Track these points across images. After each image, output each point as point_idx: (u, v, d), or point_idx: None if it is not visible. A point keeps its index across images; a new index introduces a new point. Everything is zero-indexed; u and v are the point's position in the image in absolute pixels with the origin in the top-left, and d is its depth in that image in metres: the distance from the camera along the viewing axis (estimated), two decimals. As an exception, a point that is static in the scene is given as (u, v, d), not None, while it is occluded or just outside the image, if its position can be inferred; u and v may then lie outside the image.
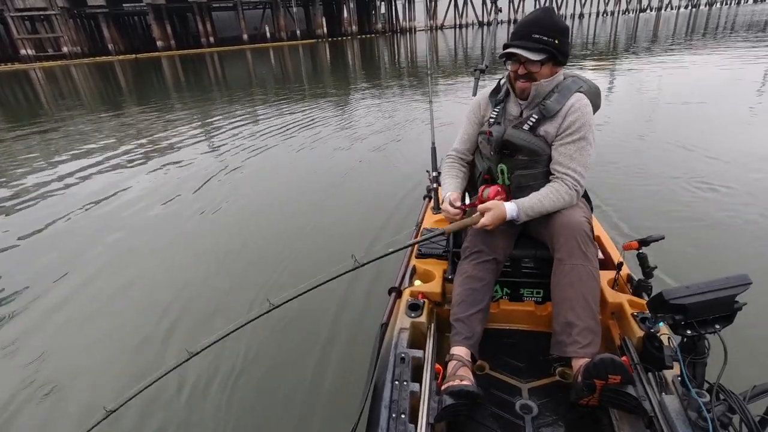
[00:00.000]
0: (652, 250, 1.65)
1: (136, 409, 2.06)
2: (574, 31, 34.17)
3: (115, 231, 4.14)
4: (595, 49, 18.80)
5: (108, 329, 2.76)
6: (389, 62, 20.98)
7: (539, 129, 1.60)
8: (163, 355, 2.45)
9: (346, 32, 46.39)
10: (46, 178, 5.97)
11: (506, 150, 1.64)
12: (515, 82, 1.63)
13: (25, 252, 3.91)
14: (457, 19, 55.35)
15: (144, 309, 2.91)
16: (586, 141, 1.57)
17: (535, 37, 1.52)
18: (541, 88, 1.59)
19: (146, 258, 3.63)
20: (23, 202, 5.11)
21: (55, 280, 3.34)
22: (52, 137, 8.84)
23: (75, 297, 3.12)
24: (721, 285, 1.11)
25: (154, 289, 3.14)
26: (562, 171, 1.58)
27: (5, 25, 35.97)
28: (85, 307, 3.00)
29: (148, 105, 12.49)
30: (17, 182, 5.91)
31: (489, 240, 1.67)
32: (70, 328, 2.80)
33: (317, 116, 8.81)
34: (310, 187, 4.90)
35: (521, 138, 1.61)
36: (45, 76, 25.30)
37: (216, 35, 41.41)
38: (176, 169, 6.01)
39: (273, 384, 2.19)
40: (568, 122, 1.56)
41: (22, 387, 2.32)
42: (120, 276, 3.34)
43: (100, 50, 38.75)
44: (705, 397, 1.13)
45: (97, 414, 1.46)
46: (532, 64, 1.55)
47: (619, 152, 5.12)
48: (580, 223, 1.55)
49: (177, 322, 2.73)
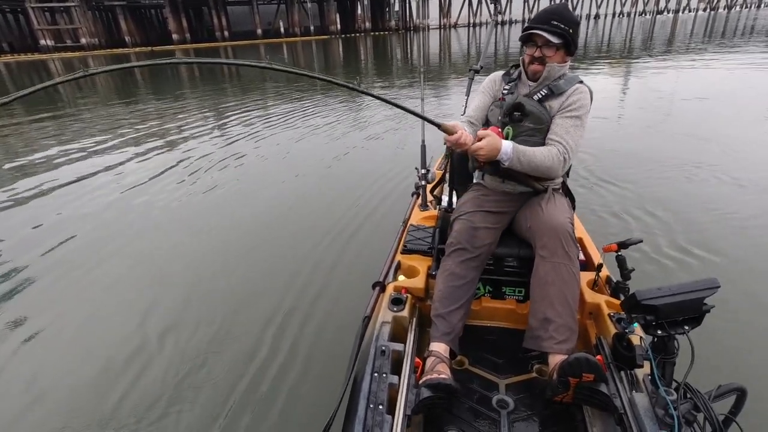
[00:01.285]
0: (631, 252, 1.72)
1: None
2: (588, 31, 33.86)
3: (122, 215, 4.32)
4: (610, 50, 18.68)
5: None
6: (401, 60, 21.03)
7: (546, 103, 1.73)
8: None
9: (359, 29, 46.46)
10: (57, 163, 6.20)
11: (516, 112, 1.72)
12: (528, 66, 1.76)
13: (29, 239, 4.04)
14: (471, 18, 55.07)
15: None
16: (581, 121, 1.70)
17: (554, 24, 1.66)
18: (552, 71, 1.72)
19: (151, 239, 3.81)
20: (33, 186, 5.33)
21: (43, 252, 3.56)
22: (66, 124, 9.09)
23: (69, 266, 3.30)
24: (691, 288, 1.14)
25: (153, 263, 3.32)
26: (557, 139, 1.68)
27: (26, 15, 36.70)
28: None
29: (162, 96, 12.73)
30: (30, 166, 6.15)
31: (473, 237, 1.71)
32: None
33: (322, 109, 8.97)
34: (304, 176, 5.06)
35: (531, 104, 1.72)
36: (63, 66, 25.75)
37: (230, 29, 41.80)
38: (182, 154, 6.19)
39: (254, 372, 2.22)
40: (571, 101, 1.70)
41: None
42: (127, 257, 3.53)
43: (117, 42, 39.34)
44: (672, 396, 1.17)
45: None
46: (548, 48, 1.69)
47: (611, 155, 5.20)
48: (563, 222, 1.61)
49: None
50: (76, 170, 5.92)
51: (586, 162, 4.93)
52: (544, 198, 1.73)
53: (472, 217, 1.76)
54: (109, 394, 2.16)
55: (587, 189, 4.25)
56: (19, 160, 6.63)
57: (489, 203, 1.81)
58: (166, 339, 2.53)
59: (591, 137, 5.61)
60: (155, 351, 2.44)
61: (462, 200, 1.93)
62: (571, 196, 1.90)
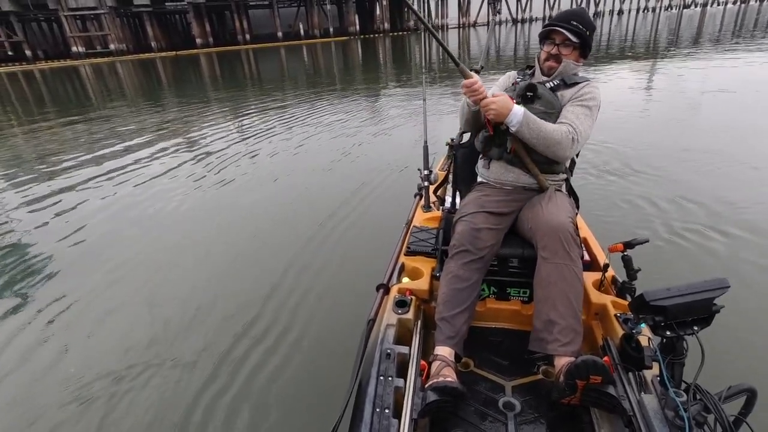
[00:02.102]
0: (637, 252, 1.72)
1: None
2: (611, 28, 33.10)
3: (143, 213, 4.54)
4: (634, 46, 18.25)
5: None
6: (420, 60, 21.03)
7: (557, 92, 1.79)
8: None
9: (378, 29, 46.59)
10: (85, 163, 6.54)
11: (530, 92, 1.75)
12: (544, 63, 1.83)
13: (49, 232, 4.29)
14: (491, 16, 54.48)
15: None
16: (591, 112, 1.74)
17: (574, 24, 1.74)
18: (568, 67, 1.80)
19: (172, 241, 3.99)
20: (62, 185, 5.64)
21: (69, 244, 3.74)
22: (95, 126, 9.51)
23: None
24: (700, 288, 1.12)
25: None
26: (567, 122, 1.71)
27: (59, 23, 38.28)
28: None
29: (185, 99, 13.14)
30: (60, 165, 6.49)
31: (475, 239, 1.70)
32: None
33: (339, 110, 9.11)
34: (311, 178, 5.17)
35: (543, 88, 1.77)
36: (93, 71, 26.80)
37: (251, 32, 42.57)
38: (204, 155, 6.42)
39: (257, 375, 2.24)
40: (583, 92, 1.76)
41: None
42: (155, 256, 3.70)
43: (144, 47, 40.56)
44: (682, 397, 1.15)
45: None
46: (565, 46, 1.76)
47: (619, 155, 5.14)
48: (564, 222, 1.60)
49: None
50: (101, 166, 6.24)
51: (603, 157, 4.90)
52: (545, 197, 1.73)
53: (474, 219, 1.75)
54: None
55: (603, 187, 4.22)
56: (54, 157, 7.00)
57: (492, 204, 1.81)
58: (167, 340, 2.57)
59: (611, 134, 5.57)
60: (152, 357, 2.44)
61: (464, 201, 1.93)
62: (575, 196, 1.90)
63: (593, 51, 9.79)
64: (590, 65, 13.39)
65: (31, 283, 3.34)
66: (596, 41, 23.34)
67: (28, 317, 2.91)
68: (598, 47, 19.66)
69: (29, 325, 2.82)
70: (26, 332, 2.77)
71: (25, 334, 2.74)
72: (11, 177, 6.24)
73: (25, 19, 38.14)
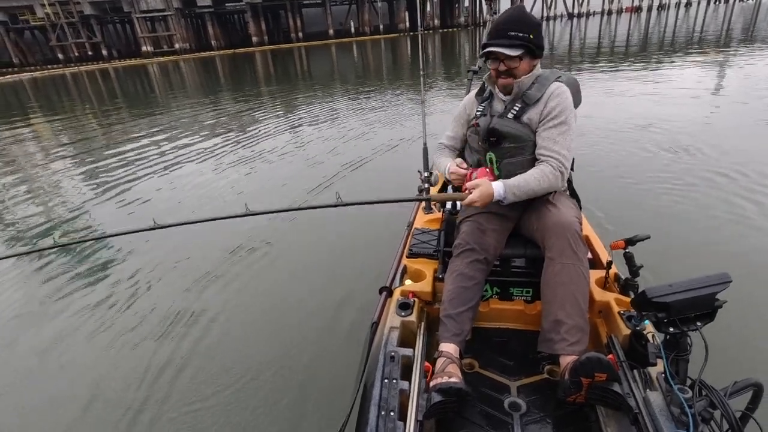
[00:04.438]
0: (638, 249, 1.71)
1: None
2: (678, 22, 30.91)
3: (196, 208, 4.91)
4: (702, 40, 17.06)
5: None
6: (469, 56, 20.82)
7: (523, 117, 1.67)
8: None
9: (428, 26, 46.42)
10: (146, 154, 7.21)
11: (493, 137, 1.69)
12: (497, 80, 1.71)
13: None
14: (545, 11, 52.63)
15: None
16: (567, 125, 1.63)
17: (511, 35, 1.60)
18: (522, 85, 1.67)
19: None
20: (122, 174, 6.26)
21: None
22: (159, 121, 10.37)
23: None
24: (702, 283, 1.12)
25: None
26: (547, 154, 1.62)
27: (131, 25, 41.51)
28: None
29: (241, 94, 13.94)
30: (124, 155, 7.21)
31: (481, 239, 1.69)
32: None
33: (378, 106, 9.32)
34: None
35: (506, 125, 1.67)
36: (159, 69, 28.81)
37: (304, 30, 43.89)
38: (257, 152, 6.89)
39: (263, 381, 2.24)
40: (549, 107, 1.63)
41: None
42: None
43: (205, 46, 43.04)
44: (687, 393, 1.14)
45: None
46: (511, 60, 1.62)
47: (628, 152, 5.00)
48: (571, 222, 1.59)
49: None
50: (158, 157, 6.87)
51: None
52: (550, 198, 1.71)
53: (479, 219, 1.75)
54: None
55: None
56: (117, 147, 7.79)
57: (495, 205, 1.74)
58: (172, 341, 2.61)
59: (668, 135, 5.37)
60: (158, 358, 2.47)
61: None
62: (577, 196, 1.89)
63: (656, 46, 9.22)
64: (648, 60, 12.70)
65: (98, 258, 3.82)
66: (658, 36, 21.94)
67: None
68: (661, 42, 18.52)
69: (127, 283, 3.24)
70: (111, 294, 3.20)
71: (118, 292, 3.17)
72: (83, 159, 7.03)
73: (103, 22, 41.78)
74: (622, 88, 9.11)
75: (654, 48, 16.41)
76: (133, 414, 2.13)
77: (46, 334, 2.79)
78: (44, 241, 4.19)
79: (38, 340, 2.75)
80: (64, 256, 3.79)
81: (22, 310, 3.10)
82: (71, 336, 2.75)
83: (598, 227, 2.28)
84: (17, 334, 2.84)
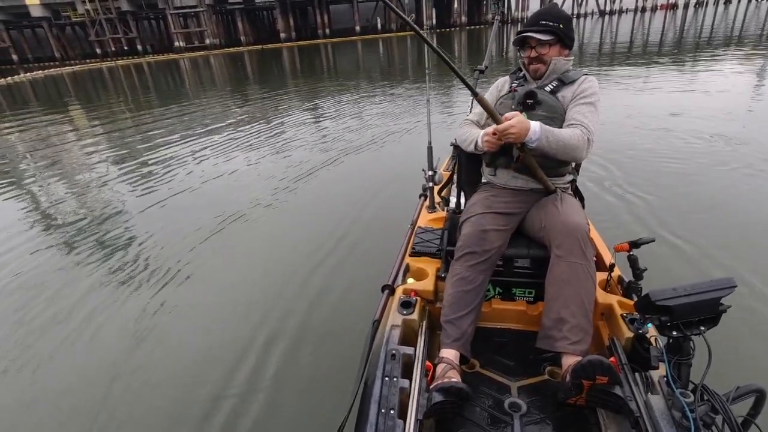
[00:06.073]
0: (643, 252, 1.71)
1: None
2: (717, 20, 29.71)
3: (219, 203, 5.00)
4: (742, 40, 16.38)
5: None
6: (496, 54, 20.62)
7: (558, 93, 1.78)
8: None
9: (454, 23, 46.05)
10: (174, 147, 7.53)
11: (530, 100, 1.75)
12: (529, 67, 1.83)
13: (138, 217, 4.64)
14: (575, 8, 51.37)
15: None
16: (595, 108, 1.73)
17: (543, 23, 1.75)
18: (559, 64, 1.79)
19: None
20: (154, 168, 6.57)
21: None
22: (187, 114, 10.77)
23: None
24: (707, 287, 1.11)
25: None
26: (578, 122, 1.69)
27: (165, 21, 42.88)
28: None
29: (267, 88, 14.25)
30: (155, 149, 7.55)
31: (482, 240, 1.69)
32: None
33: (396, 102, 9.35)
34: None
35: (543, 93, 1.77)
36: (191, 64, 29.60)
37: (331, 27, 44.30)
38: (280, 147, 7.12)
39: (263, 377, 2.26)
40: (582, 88, 1.75)
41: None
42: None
43: (234, 42, 43.98)
44: (689, 398, 1.13)
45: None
46: (542, 46, 1.76)
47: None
48: (581, 223, 1.60)
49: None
50: (186, 150, 7.18)
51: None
52: (557, 198, 1.73)
53: (481, 219, 1.74)
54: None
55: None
56: (153, 140, 8.17)
57: (499, 204, 1.80)
58: (171, 340, 2.63)
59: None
60: (152, 360, 2.47)
61: (471, 202, 1.92)
62: (581, 196, 1.92)
63: (692, 47, 8.96)
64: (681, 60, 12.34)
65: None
66: (694, 34, 21.19)
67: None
68: (698, 41, 17.91)
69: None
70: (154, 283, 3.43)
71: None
72: (117, 150, 7.41)
73: (139, 18, 43.27)
74: (612, 93, 8.84)
75: (689, 47, 15.87)
76: (128, 413, 2.14)
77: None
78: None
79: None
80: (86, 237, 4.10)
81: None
82: (75, 335, 2.74)
83: (599, 227, 2.29)
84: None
